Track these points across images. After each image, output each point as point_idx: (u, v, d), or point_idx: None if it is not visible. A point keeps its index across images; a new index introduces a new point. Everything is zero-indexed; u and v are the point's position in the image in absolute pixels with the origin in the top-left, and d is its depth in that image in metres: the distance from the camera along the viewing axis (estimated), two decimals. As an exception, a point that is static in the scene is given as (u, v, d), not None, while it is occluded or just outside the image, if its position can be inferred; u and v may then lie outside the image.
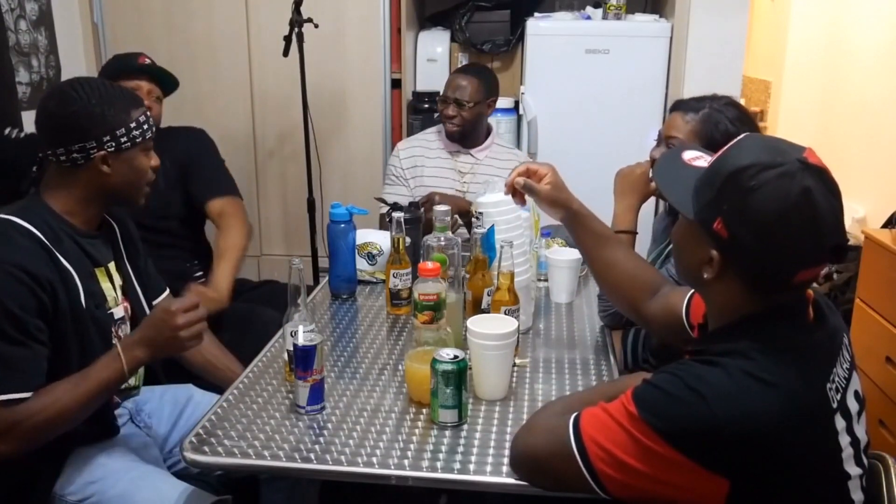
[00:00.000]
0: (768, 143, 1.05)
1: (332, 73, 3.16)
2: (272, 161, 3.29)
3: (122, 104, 1.47)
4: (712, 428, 0.96)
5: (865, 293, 2.72)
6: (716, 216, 1.02)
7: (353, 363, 1.62)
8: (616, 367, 1.62)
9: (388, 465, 1.24)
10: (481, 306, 1.63)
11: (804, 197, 0.97)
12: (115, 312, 1.54)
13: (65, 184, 1.46)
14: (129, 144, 1.46)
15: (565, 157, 3.02)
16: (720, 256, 1.04)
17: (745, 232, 0.99)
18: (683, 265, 1.17)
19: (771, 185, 0.97)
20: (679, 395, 0.99)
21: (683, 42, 3.01)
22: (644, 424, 0.99)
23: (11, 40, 2.81)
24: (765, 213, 0.98)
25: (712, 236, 1.03)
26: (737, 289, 1.05)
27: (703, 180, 1.07)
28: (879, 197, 3.39)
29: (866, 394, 1.18)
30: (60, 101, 1.45)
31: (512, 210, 1.75)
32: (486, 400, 1.45)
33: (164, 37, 3.16)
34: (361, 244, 2.09)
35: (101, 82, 1.49)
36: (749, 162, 1.00)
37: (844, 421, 1.05)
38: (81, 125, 1.42)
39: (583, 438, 1.05)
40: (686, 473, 0.98)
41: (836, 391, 1.04)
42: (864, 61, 3.62)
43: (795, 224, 0.97)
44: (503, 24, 3.18)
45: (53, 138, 1.44)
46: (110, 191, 1.49)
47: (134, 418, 1.63)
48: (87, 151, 1.43)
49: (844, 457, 1.04)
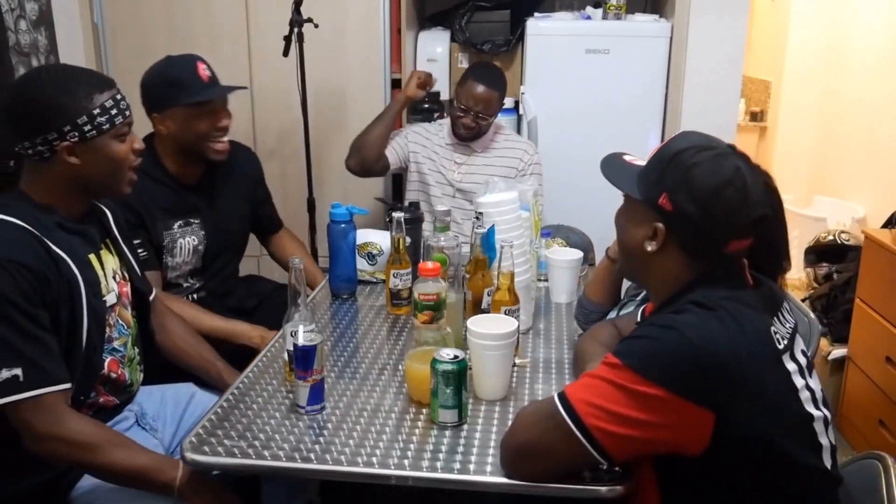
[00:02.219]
0: (699, 134, 1.22)
1: (332, 73, 3.16)
2: (272, 161, 3.29)
3: (84, 90, 1.37)
4: (689, 355, 1.04)
5: (865, 293, 2.72)
6: (661, 192, 1.16)
7: (353, 363, 1.62)
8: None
9: (388, 465, 1.24)
10: (481, 306, 1.63)
11: (736, 173, 1.13)
12: (108, 299, 1.50)
13: (39, 177, 1.41)
14: (94, 133, 1.38)
15: (565, 157, 3.05)
16: (665, 228, 1.16)
17: (688, 203, 1.13)
18: (629, 244, 1.25)
19: (709, 162, 1.14)
20: (655, 334, 1.09)
21: (683, 42, 3.01)
22: (628, 370, 1.06)
23: (11, 40, 2.81)
24: (704, 185, 1.13)
25: (657, 210, 1.17)
26: (677, 258, 1.18)
27: (647, 167, 1.22)
28: (879, 197, 3.40)
29: (866, 394, 1.21)
30: (17, 93, 1.38)
31: (512, 210, 1.75)
32: (486, 400, 1.45)
33: (164, 37, 3.16)
34: (361, 244, 2.09)
35: (61, 68, 1.40)
36: (688, 145, 1.17)
37: (795, 365, 1.14)
38: (38, 117, 1.35)
39: (571, 402, 1.10)
40: (673, 410, 1.05)
41: (780, 338, 1.14)
42: (864, 61, 3.62)
43: (729, 195, 1.12)
44: (503, 24, 3.18)
45: (17, 133, 1.37)
46: (86, 182, 1.43)
47: (140, 421, 1.62)
48: (49, 144, 1.36)
49: (803, 398, 1.13)
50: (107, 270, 1.52)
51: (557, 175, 2.88)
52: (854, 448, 2.71)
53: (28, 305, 1.29)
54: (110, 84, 1.43)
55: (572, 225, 2.56)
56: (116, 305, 1.54)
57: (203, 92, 1.95)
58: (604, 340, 1.48)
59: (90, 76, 1.42)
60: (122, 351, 1.55)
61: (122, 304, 1.56)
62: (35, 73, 1.41)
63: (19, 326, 1.28)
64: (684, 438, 1.07)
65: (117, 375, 1.54)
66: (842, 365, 2.88)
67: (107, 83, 1.43)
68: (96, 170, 1.42)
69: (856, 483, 1.21)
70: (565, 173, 2.95)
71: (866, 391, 2.65)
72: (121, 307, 1.56)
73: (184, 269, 2.08)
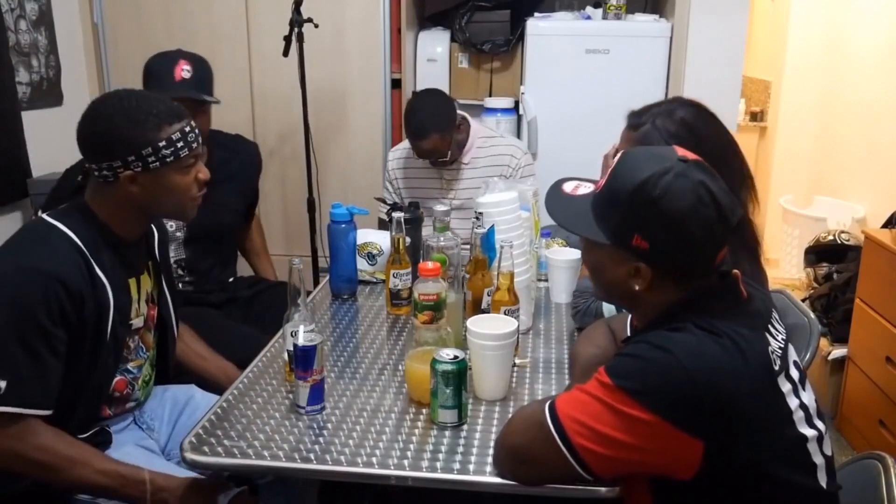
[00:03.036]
0: (646, 155, 1.13)
1: (332, 73, 3.17)
2: (272, 161, 3.29)
3: (154, 121, 1.39)
4: (683, 382, 1.01)
5: (865, 293, 2.72)
6: (633, 233, 1.09)
7: (353, 363, 1.62)
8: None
9: (387, 465, 1.24)
10: (481, 306, 1.63)
11: (703, 188, 1.07)
12: (134, 323, 1.52)
13: (102, 195, 1.44)
14: (157, 164, 1.39)
15: (565, 157, 3.04)
16: (648, 266, 1.10)
17: (665, 236, 1.08)
18: (608, 285, 1.20)
19: (673, 187, 1.06)
20: (649, 355, 1.05)
21: (683, 42, 3.01)
22: (618, 391, 1.03)
23: (11, 40, 2.81)
24: (676, 213, 1.06)
25: (634, 252, 1.10)
26: (669, 287, 1.13)
27: (603, 206, 1.14)
28: (879, 197, 3.40)
29: (866, 394, 1.20)
30: (89, 118, 1.41)
31: (512, 210, 1.75)
32: (486, 400, 1.45)
33: (164, 37, 3.16)
34: (361, 244, 2.08)
35: (134, 96, 1.42)
36: (645, 176, 1.08)
37: (789, 384, 1.11)
38: (106, 144, 1.39)
39: (559, 417, 1.08)
40: (661, 437, 1.02)
41: (776, 357, 1.10)
42: (864, 61, 3.62)
43: (704, 213, 1.06)
44: (503, 24, 3.18)
45: (86, 154, 1.42)
46: (145, 207, 1.46)
47: (137, 420, 1.63)
48: (114, 170, 1.39)
49: (797, 419, 1.10)
50: (141, 293, 1.54)
51: (557, 175, 2.81)
52: (854, 448, 2.71)
53: (47, 322, 1.31)
54: (181, 116, 1.43)
55: (572, 225, 2.55)
56: (142, 329, 1.57)
57: (170, 89, 1.99)
58: (598, 342, 1.47)
59: (163, 107, 1.41)
60: (134, 373, 1.56)
61: (147, 327, 1.58)
62: (110, 97, 1.44)
63: (26, 341, 1.30)
64: (672, 464, 1.06)
65: (122, 394, 1.55)
66: (842, 365, 2.88)
67: (178, 115, 1.42)
68: (155, 199, 1.45)
69: (856, 483, 1.20)
70: (565, 173, 2.86)
71: (866, 391, 2.65)
72: (145, 330, 1.58)
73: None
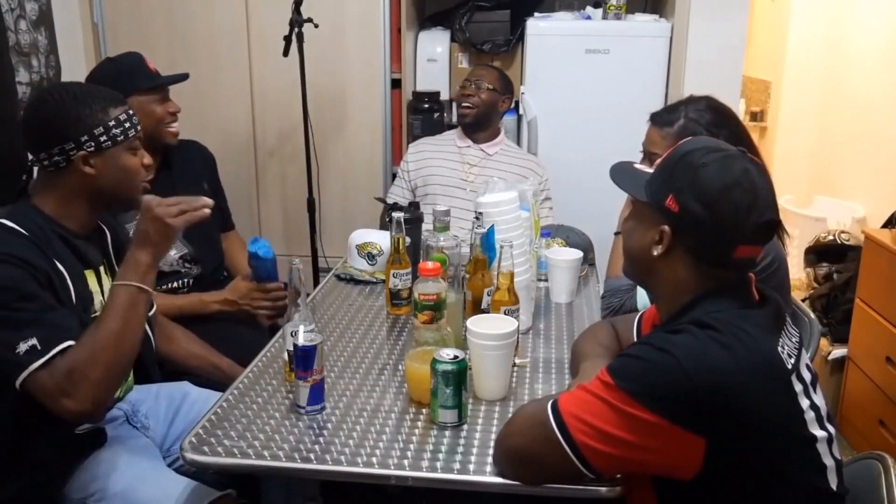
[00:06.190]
0: (713, 139, 1.22)
1: (332, 73, 3.16)
2: (272, 161, 3.29)
3: (100, 103, 1.46)
4: (684, 383, 1.01)
5: (865, 293, 2.72)
6: (668, 193, 1.13)
7: (353, 363, 1.62)
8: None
9: (387, 465, 1.24)
10: (481, 306, 1.63)
11: (745, 174, 1.10)
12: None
13: (52, 187, 1.47)
14: (109, 143, 1.46)
15: (565, 157, 3.05)
16: (671, 231, 1.13)
17: (694, 203, 1.10)
18: (635, 249, 1.22)
19: (717, 163, 1.11)
20: (650, 357, 1.06)
21: (683, 42, 3.01)
22: (620, 391, 1.04)
23: (11, 40, 2.81)
24: (712, 185, 1.10)
25: (664, 212, 1.14)
26: (684, 264, 1.15)
27: (656, 171, 1.20)
28: (879, 197, 3.39)
29: (866, 394, 1.20)
30: (36, 106, 1.48)
31: (512, 210, 1.75)
32: (486, 400, 1.45)
33: (164, 37, 3.16)
34: (361, 244, 2.09)
35: (77, 84, 1.50)
36: (698, 146, 1.15)
37: (801, 384, 1.11)
38: (57, 127, 1.43)
39: (562, 415, 1.09)
40: (663, 436, 1.03)
41: (788, 355, 1.11)
42: (864, 61, 3.62)
43: (737, 196, 1.09)
44: (503, 24, 3.18)
45: (34, 144, 1.45)
46: (99, 192, 1.49)
47: (130, 419, 1.63)
48: (66, 153, 1.43)
49: (808, 419, 1.10)
50: (103, 288, 1.55)
51: (557, 175, 2.88)
52: (854, 448, 2.71)
53: (35, 286, 1.33)
54: (122, 100, 1.52)
55: (572, 225, 2.56)
56: None
57: (156, 78, 2.07)
58: (601, 340, 1.48)
59: (105, 92, 1.50)
60: None
61: None
62: (52, 88, 1.51)
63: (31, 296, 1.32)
64: (674, 462, 1.06)
65: None
66: (842, 365, 2.88)
67: (119, 99, 1.51)
68: (110, 180, 1.48)
69: (856, 483, 1.20)
70: (565, 173, 2.96)
71: (866, 391, 2.65)
72: None
73: (174, 255, 2.14)
